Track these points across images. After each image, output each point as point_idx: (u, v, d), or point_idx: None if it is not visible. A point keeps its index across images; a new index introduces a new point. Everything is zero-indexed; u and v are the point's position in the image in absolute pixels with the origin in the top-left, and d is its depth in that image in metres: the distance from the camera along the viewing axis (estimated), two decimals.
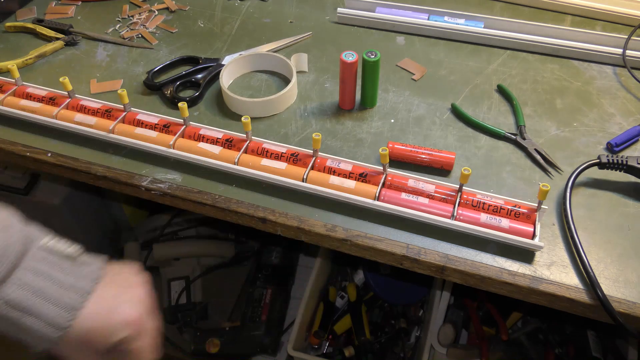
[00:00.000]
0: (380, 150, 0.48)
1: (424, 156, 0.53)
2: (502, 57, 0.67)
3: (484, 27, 0.69)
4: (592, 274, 0.43)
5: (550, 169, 0.53)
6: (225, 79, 0.63)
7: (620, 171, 0.51)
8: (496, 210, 0.47)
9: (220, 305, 1.06)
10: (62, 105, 0.58)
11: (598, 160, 0.50)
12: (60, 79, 0.57)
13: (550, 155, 0.54)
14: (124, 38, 0.72)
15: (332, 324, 0.99)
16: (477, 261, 0.46)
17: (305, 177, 0.50)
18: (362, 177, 0.50)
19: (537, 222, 0.46)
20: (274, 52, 0.67)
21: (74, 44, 0.71)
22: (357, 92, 0.61)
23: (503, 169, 0.53)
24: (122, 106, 0.57)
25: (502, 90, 0.62)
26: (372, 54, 0.56)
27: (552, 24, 0.68)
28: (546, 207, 0.46)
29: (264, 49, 0.68)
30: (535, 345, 0.89)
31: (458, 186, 0.48)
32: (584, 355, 0.84)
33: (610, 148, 0.55)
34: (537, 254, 0.46)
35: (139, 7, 0.78)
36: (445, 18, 0.71)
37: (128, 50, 0.70)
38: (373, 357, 0.95)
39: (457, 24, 0.70)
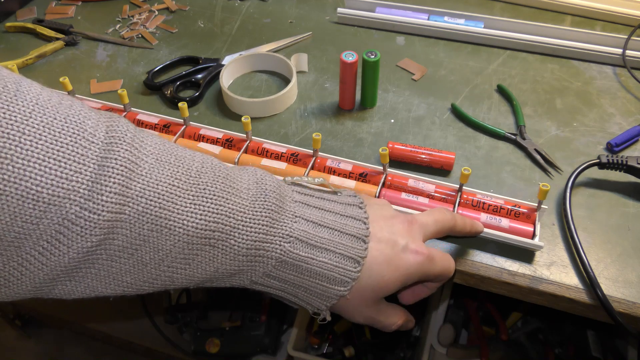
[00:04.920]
0: (380, 150, 0.48)
1: (423, 156, 0.53)
2: (502, 57, 0.67)
3: (484, 27, 0.69)
4: (592, 274, 0.43)
5: (550, 169, 0.53)
6: (225, 79, 0.63)
7: (620, 171, 0.51)
8: (496, 210, 0.47)
9: (220, 305, 1.06)
10: None
11: (598, 160, 0.50)
12: (61, 79, 0.57)
13: (550, 155, 0.54)
14: (124, 38, 0.72)
15: (332, 324, 0.99)
16: (477, 261, 0.46)
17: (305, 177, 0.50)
18: (362, 177, 0.50)
19: (537, 222, 0.46)
20: (274, 52, 0.67)
21: (74, 44, 0.71)
22: (357, 92, 0.61)
23: (503, 169, 0.53)
24: (122, 106, 0.57)
25: (502, 90, 0.62)
26: (372, 54, 0.56)
27: (552, 24, 0.68)
28: (546, 207, 0.46)
29: (264, 49, 0.68)
30: (535, 345, 0.89)
31: (458, 186, 0.48)
32: (584, 355, 0.84)
33: (610, 148, 0.55)
34: (537, 253, 0.46)
35: (139, 7, 0.78)
36: (445, 18, 0.71)
37: (128, 50, 0.70)
38: (373, 357, 0.95)
39: (457, 24, 0.70)
